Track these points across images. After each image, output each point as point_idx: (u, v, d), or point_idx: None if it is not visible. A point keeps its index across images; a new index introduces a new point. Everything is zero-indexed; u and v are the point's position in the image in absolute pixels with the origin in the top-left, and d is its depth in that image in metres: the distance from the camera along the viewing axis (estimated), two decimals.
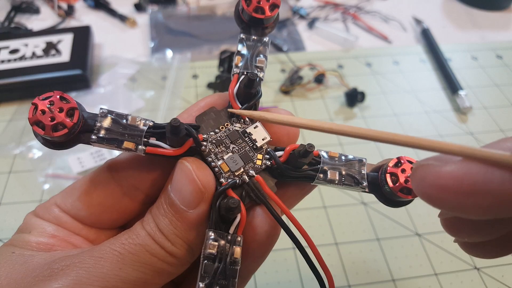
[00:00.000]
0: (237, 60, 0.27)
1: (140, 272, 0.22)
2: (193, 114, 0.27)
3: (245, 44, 0.27)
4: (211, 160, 0.25)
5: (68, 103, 0.22)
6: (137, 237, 0.23)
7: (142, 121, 0.24)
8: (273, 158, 0.26)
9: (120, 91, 0.64)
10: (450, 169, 0.16)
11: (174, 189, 0.24)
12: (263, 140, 0.26)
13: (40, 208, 0.26)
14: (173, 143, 0.24)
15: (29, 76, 0.61)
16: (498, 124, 0.62)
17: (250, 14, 0.27)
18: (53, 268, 0.22)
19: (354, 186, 0.25)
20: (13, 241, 0.25)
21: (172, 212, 0.23)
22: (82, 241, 0.26)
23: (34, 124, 0.22)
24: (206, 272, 0.22)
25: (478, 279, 0.45)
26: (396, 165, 0.25)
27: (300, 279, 0.44)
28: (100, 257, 0.22)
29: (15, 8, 0.77)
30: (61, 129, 0.22)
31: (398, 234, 0.49)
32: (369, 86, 0.67)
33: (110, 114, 0.24)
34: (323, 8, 0.83)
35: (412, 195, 0.24)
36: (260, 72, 0.27)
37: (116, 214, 0.27)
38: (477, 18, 0.83)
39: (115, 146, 0.23)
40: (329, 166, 0.26)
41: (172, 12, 0.80)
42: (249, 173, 0.25)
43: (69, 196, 0.26)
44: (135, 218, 0.28)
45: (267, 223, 0.25)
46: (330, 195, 0.52)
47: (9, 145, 0.56)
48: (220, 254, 0.23)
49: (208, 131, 0.26)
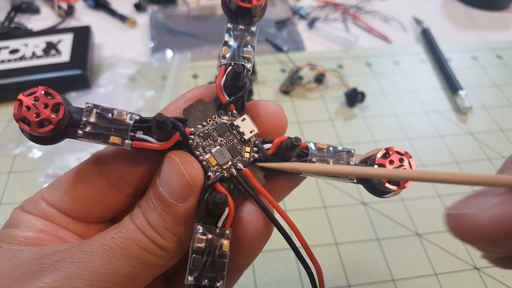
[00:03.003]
0: (224, 51, 0.26)
1: (131, 266, 0.22)
2: (180, 106, 0.27)
3: (232, 34, 0.27)
4: (198, 153, 0.25)
5: (53, 98, 0.22)
6: (127, 231, 0.23)
7: (128, 115, 0.24)
8: (261, 150, 0.26)
9: (120, 91, 0.64)
10: (488, 217, 0.16)
11: (163, 183, 0.23)
12: (251, 132, 0.26)
13: (27, 203, 0.26)
14: (160, 137, 0.24)
15: (29, 76, 0.61)
16: (498, 124, 0.62)
17: (237, 3, 0.26)
18: (43, 263, 0.21)
19: (342, 177, 0.25)
20: (0, 237, 0.25)
21: (161, 206, 0.23)
22: (71, 236, 0.26)
23: (19, 120, 0.22)
24: (194, 266, 0.22)
25: (478, 279, 0.45)
26: (384, 156, 0.25)
27: (300, 279, 0.44)
28: (90, 252, 0.22)
29: (15, 8, 0.77)
30: (46, 125, 0.22)
31: (398, 234, 0.49)
32: (369, 86, 0.67)
33: (96, 108, 0.24)
34: (323, 8, 0.83)
35: (400, 186, 0.24)
36: (248, 63, 0.26)
37: (104, 208, 0.27)
38: (477, 18, 0.83)
39: (101, 140, 0.23)
40: (317, 157, 0.26)
41: (172, 12, 0.80)
42: (237, 166, 0.25)
43: (56, 190, 0.26)
44: (123, 211, 0.27)
45: (259, 221, 0.24)
46: (330, 195, 0.52)
47: (9, 145, 0.56)
48: (209, 247, 0.23)
49: (195, 124, 0.26)
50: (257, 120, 0.26)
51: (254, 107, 0.27)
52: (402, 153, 0.25)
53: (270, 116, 0.27)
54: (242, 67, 0.25)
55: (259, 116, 0.27)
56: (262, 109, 0.27)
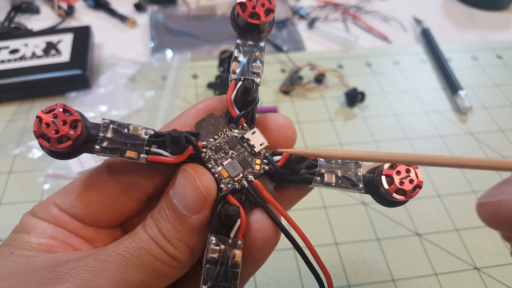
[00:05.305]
0: (234, 66, 0.27)
1: (144, 275, 0.22)
2: (192, 116, 0.27)
3: (241, 50, 0.28)
4: (211, 166, 0.26)
5: (71, 115, 0.23)
6: (141, 241, 0.23)
7: (143, 130, 0.25)
8: (271, 163, 0.26)
9: (120, 91, 0.64)
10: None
11: (177, 195, 0.24)
12: (261, 145, 0.27)
13: (37, 208, 0.26)
14: (174, 151, 0.25)
15: (29, 76, 0.61)
16: (498, 124, 0.62)
17: (246, 20, 0.27)
18: (58, 271, 0.22)
19: (350, 188, 0.26)
20: (11, 241, 0.25)
21: (175, 217, 0.24)
22: (82, 243, 0.26)
23: (39, 137, 0.23)
24: (208, 276, 0.23)
25: (478, 279, 0.45)
26: (391, 167, 0.25)
27: (300, 279, 0.44)
28: (105, 261, 0.22)
29: (15, 8, 0.77)
30: (65, 141, 0.23)
31: (398, 234, 0.49)
32: (369, 86, 0.67)
33: (112, 124, 0.25)
34: (323, 8, 0.83)
35: (407, 196, 0.25)
36: (257, 78, 0.27)
37: (115, 213, 0.27)
38: (477, 18, 0.83)
39: (118, 155, 0.24)
40: (326, 169, 0.26)
41: (172, 12, 0.80)
42: (248, 178, 0.26)
43: (68, 194, 0.26)
44: (133, 217, 0.28)
45: (268, 229, 0.25)
46: (330, 195, 0.52)
47: (9, 145, 0.56)
48: (222, 257, 0.23)
49: (207, 137, 0.27)
50: (267, 133, 0.27)
51: (264, 120, 0.28)
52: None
53: (279, 129, 0.27)
54: (252, 83, 0.26)
55: (269, 129, 0.27)
56: (272, 122, 0.28)
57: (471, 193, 0.53)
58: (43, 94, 0.63)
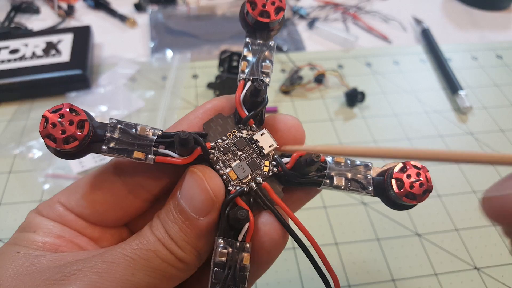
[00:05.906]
0: (243, 66, 0.27)
1: (151, 277, 0.22)
2: (199, 116, 0.27)
3: (250, 49, 0.27)
4: (219, 168, 0.25)
5: (78, 115, 0.23)
6: (148, 243, 0.23)
7: (151, 131, 0.25)
8: (280, 165, 0.26)
9: (120, 91, 0.64)
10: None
11: (185, 197, 0.24)
12: (270, 147, 0.26)
13: (43, 206, 0.26)
14: (182, 152, 0.25)
15: (29, 76, 0.61)
16: (498, 124, 0.62)
17: (256, 18, 0.26)
18: (65, 272, 0.21)
19: (360, 191, 0.26)
20: (16, 240, 0.24)
21: (182, 219, 0.23)
22: (88, 242, 0.26)
23: (45, 137, 0.22)
24: (216, 279, 0.23)
25: (478, 279, 0.45)
26: (401, 170, 0.25)
27: (300, 279, 0.44)
28: (112, 262, 0.22)
29: (15, 8, 0.77)
30: (72, 141, 0.22)
31: (398, 234, 0.49)
32: (369, 86, 0.67)
33: (120, 124, 0.24)
34: (323, 8, 0.83)
35: (417, 200, 0.24)
36: (266, 78, 0.27)
37: (121, 212, 0.27)
38: (477, 18, 0.83)
39: (125, 155, 0.24)
40: (335, 171, 0.26)
41: (172, 12, 0.80)
42: (257, 180, 0.26)
43: (74, 194, 0.26)
44: (139, 217, 0.28)
45: (276, 232, 0.25)
46: (330, 195, 0.52)
47: (9, 145, 0.56)
48: (230, 261, 0.23)
49: (215, 138, 0.26)
50: (275, 134, 0.27)
51: (273, 121, 0.27)
52: (419, 167, 0.25)
53: (288, 130, 0.27)
54: (262, 84, 0.26)
55: (278, 130, 0.27)
56: (281, 123, 0.27)
57: (471, 193, 0.53)
58: (43, 94, 0.63)
